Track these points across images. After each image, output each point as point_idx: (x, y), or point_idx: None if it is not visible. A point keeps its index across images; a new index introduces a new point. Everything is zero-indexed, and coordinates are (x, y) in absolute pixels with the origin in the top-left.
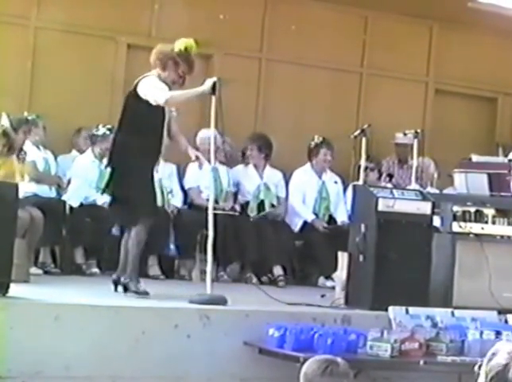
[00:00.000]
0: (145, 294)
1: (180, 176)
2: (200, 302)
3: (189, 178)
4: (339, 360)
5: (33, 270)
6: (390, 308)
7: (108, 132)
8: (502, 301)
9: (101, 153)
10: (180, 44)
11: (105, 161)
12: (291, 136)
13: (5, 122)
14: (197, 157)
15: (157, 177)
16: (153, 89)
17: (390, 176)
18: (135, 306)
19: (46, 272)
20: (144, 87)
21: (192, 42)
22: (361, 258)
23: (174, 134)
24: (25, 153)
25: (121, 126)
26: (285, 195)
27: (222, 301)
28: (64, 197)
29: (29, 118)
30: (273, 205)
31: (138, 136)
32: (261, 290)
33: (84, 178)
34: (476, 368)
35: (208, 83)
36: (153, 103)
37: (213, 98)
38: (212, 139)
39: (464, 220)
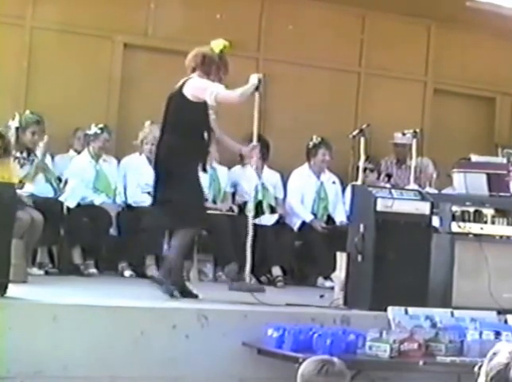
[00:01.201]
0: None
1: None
2: (240, 289)
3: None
4: (335, 360)
5: (34, 270)
6: (389, 308)
7: (99, 131)
8: (501, 301)
9: (97, 152)
10: (218, 47)
11: (101, 161)
12: (289, 136)
13: (15, 123)
14: (253, 147)
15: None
16: (211, 87)
17: (389, 176)
18: (133, 307)
19: (45, 272)
20: (197, 86)
21: (227, 43)
22: (360, 258)
23: (218, 136)
24: (35, 155)
25: (165, 128)
26: (282, 196)
27: (260, 289)
28: (61, 198)
29: (38, 118)
30: (271, 206)
31: (184, 138)
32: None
33: (81, 178)
34: (476, 368)
35: (254, 79)
36: (210, 101)
37: (256, 94)
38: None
39: (463, 220)
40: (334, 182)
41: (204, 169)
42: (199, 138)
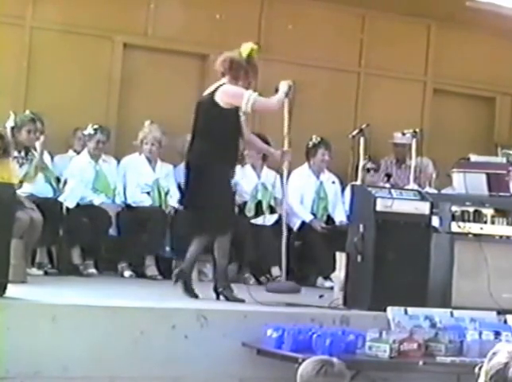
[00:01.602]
0: (240, 301)
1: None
2: (277, 290)
3: None
4: (334, 360)
5: (33, 271)
6: (389, 308)
7: (93, 132)
8: (501, 301)
9: (92, 153)
10: (246, 51)
11: (100, 161)
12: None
13: (10, 123)
14: (284, 152)
15: (153, 177)
16: (247, 95)
17: (388, 176)
18: (133, 307)
19: (44, 273)
20: (231, 93)
21: (255, 47)
22: (359, 258)
23: (249, 139)
24: (33, 154)
25: (196, 133)
26: (281, 196)
27: (297, 289)
28: (60, 198)
29: (34, 117)
30: (271, 206)
31: (216, 144)
32: (253, 291)
33: (80, 178)
34: (477, 369)
35: (284, 86)
36: (245, 109)
37: (286, 100)
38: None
39: (463, 220)
40: (333, 182)
41: (233, 175)
42: (230, 144)
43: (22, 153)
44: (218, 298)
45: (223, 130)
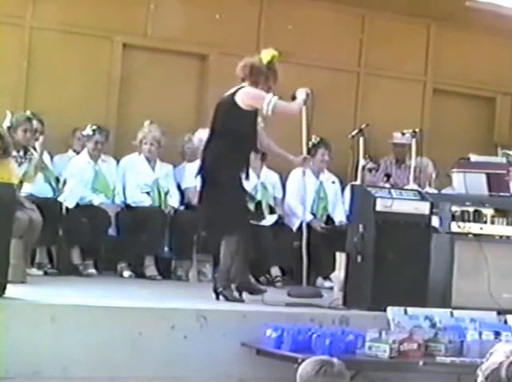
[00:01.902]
0: (239, 301)
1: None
2: (299, 295)
3: (186, 178)
4: (334, 360)
5: (33, 271)
6: (389, 308)
7: (91, 132)
8: (501, 301)
9: (90, 153)
10: (267, 57)
11: (100, 161)
12: (288, 136)
13: (6, 123)
14: (305, 159)
15: (153, 177)
16: (269, 97)
17: (388, 176)
18: (132, 307)
19: (43, 273)
20: (252, 95)
21: (276, 54)
22: (359, 258)
23: (268, 144)
24: (32, 154)
25: (213, 134)
26: (281, 196)
27: (318, 294)
28: (59, 198)
29: (30, 116)
30: (270, 207)
31: (232, 145)
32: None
33: (80, 178)
34: (478, 370)
35: (302, 95)
36: (266, 111)
37: (303, 108)
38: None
39: (463, 220)
40: (333, 182)
41: (247, 177)
42: (245, 146)
43: (21, 153)
44: (218, 298)
45: (241, 130)
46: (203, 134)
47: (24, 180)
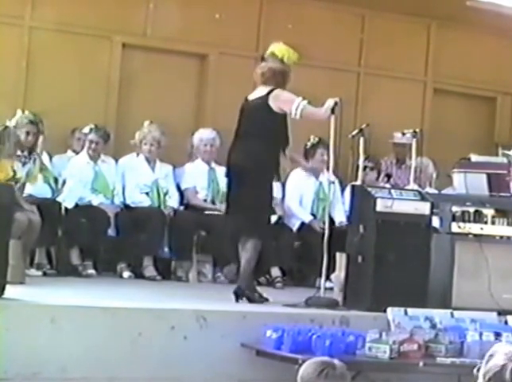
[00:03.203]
0: (263, 301)
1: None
2: (316, 304)
3: (186, 179)
4: (335, 362)
5: (32, 271)
6: (389, 309)
7: (88, 131)
8: (501, 302)
9: (91, 153)
10: (291, 56)
11: (99, 161)
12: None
13: (12, 122)
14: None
15: (152, 177)
16: (298, 101)
17: (388, 176)
18: (132, 308)
19: (43, 273)
20: (283, 98)
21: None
22: (359, 259)
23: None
24: (37, 154)
25: (243, 134)
26: (281, 196)
27: (335, 303)
28: (58, 198)
29: (32, 118)
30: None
31: (266, 146)
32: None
33: (79, 179)
34: (475, 371)
35: (330, 102)
36: (294, 114)
37: (332, 117)
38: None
39: (463, 221)
40: (333, 182)
41: (279, 179)
42: (278, 148)
43: (25, 153)
44: (237, 300)
45: (276, 132)
46: (204, 135)
47: (27, 180)
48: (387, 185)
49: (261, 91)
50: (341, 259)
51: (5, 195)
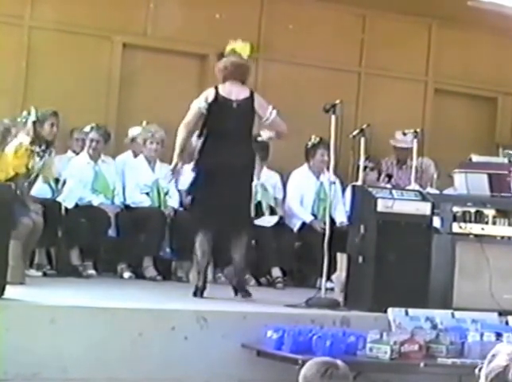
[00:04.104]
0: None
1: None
2: (317, 304)
3: (184, 179)
4: (338, 362)
5: (32, 272)
6: (390, 310)
7: (89, 130)
8: (502, 302)
9: (91, 152)
10: (245, 50)
11: (100, 162)
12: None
13: (32, 117)
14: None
15: (153, 177)
16: (271, 107)
17: (389, 176)
18: (132, 308)
19: (43, 274)
20: (262, 102)
21: (252, 45)
22: (360, 259)
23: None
24: (54, 147)
25: (240, 136)
26: (282, 196)
27: (336, 303)
28: (58, 199)
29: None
30: (271, 207)
31: (252, 147)
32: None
33: (79, 179)
34: (477, 370)
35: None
36: (266, 119)
37: (333, 118)
38: None
39: (464, 221)
40: (334, 183)
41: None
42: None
43: (43, 147)
44: (236, 293)
45: (251, 133)
46: None
47: (42, 173)
48: (388, 186)
49: (239, 89)
50: (342, 259)
51: (4, 195)
